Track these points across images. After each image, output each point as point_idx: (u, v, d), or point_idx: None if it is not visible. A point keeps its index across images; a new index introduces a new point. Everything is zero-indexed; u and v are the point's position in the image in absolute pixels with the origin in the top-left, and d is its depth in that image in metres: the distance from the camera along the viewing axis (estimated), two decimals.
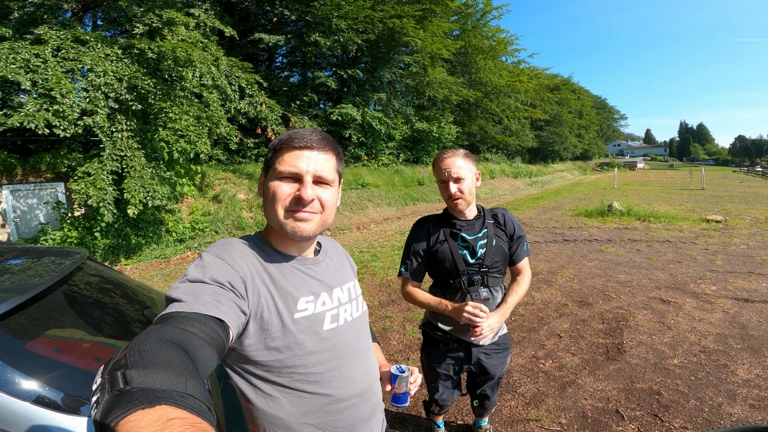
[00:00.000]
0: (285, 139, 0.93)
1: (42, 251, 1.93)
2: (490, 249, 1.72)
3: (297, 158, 0.90)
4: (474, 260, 1.71)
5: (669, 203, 13.95)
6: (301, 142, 0.91)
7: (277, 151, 0.93)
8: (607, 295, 4.83)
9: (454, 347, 1.85)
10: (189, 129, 7.71)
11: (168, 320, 0.68)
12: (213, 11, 10.90)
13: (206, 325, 0.70)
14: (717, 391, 2.75)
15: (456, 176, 1.65)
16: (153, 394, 0.49)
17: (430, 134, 19.21)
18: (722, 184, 24.35)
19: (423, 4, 16.84)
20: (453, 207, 1.71)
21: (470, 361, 1.86)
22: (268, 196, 0.92)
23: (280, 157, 0.92)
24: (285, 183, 0.90)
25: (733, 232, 8.24)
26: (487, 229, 1.75)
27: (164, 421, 0.45)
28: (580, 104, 48.06)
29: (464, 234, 1.73)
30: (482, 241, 1.72)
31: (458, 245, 1.72)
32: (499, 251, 1.75)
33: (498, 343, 1.88)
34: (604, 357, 3.31)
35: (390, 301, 4.90)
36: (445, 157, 1.68)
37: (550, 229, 9.55)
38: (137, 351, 0.56)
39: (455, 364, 1.88)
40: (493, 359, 1.88)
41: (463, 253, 1.71)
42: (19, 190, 8.03)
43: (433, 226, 1.78)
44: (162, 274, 6.90)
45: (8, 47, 6.39)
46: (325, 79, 15.16)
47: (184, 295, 0.75)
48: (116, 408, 0.47)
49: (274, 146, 0.94)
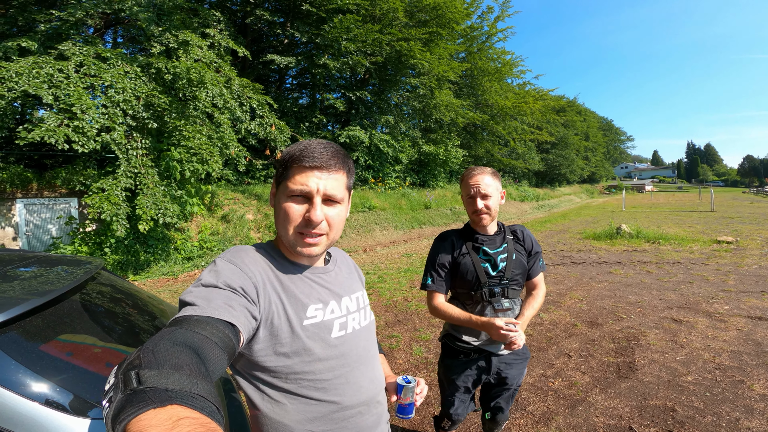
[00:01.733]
0: (297, 155, 0.93)
1: (58, 260, 1.98)
2: (510, 262, 1.77)
3: (307, 178, 0.91)
4: (495, 273, 1.76)
5: (678, 225, 13.81)
6: (312, 161, 0.91)
7: (288, 168, 0.93)
8: (617, 315, 4.76)
9: (475, 357, 1.86)
10: (202, 147, 7.88)
11: (181, 323, 0.70)
12: (227, 32, 11.29)
13: (218, 328, 0.72)
14: (734, 407, 2.69)
15: (483, 192, 1.71)
16: (165, 393, 0.50)
17: (437, 157, 19.34)
18: (732, 206, 24.09)
19: (430, 27, 17.24)
20: (478, 221, 1.76)
21: (490, 371, 1.86)
22: (280, 214, 0.94)
23: (291, 176, 0.93)
24: (296, 203, 0.92)
25: (744, 253, 8.12)
26: (507, 243, 1.80)
27: (175, 420, 0.46)
28: (586, 126, 48.18)
29: (486, 248, 1.78)
30: (503, 255, 1.77)
31: (480, 258, 1.77)
32: (519, 265, 1.80)
33: (518, 353, 1.88)
34: (615, 375, 3.24)
35: (396, 321, 4.87)
36: (475, 173, 1.75)
37: (558, 251, 9.48)
38: (151, 352, 0.58)
39: (474, 375, 1.88)
40: (512, 369, 1.87)
41: (485, 266, 1.77)
42: (33, 204, 8.20)
43: (456, 240, 1.84)
44: (169, 290, 6.94)
45: (32, 62, 6.62)
46: (334, 101, 15.47)
47: (197, 299, 0.77)
48: (129, 406, 0.48)
49: (285, 161, 0.95)
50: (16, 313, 1.22)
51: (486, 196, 1.72)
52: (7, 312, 1.20)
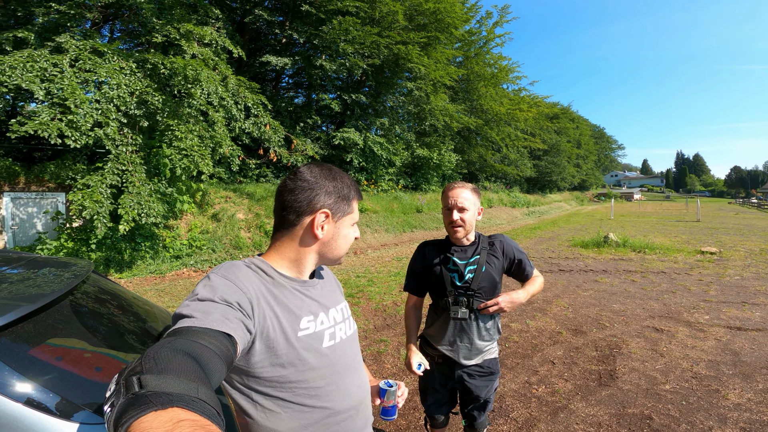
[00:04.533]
0: (356, 190, 1.12)
1: (48, 262, 1.99)
2: (478, 275, 1.82)
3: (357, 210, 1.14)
4: (461, 283, 1.83)
5: (664, 235, 14.06)
6: (360, 196, 1.14)
7: (350, 201, 1.09)
8: (601, 323, 4.86)
9: (440, 362, 1.94)
10: (193, 149, 7.84)
11: (180, 333, 0.73)
12: (225, 30, 11.24)
13: (216, 339, 0.74)
14: (708, 415, 2.77)
15: (461, 206, 1.79)
16: (166, 397, 0.53)
17: (431, 161, 19.43)
18: (717, 216, 24.56)
19: (428, 31, 17.31)
20: (452, 233, 1.84)
21: (453, 378, 1.93)
22: (343, 238, 1.09)
23: (352, 207, 1.10)
24: (353, 229, 1.11)
25: (727, 264, 8.31)
26: (479, 256, 1.85)
27: (175, 422, 0.49)
28: (579, 133, 48.69)
29: (455, 258, 1.85)
30: (472, 266, 1.84)
31: (448, 268, 1.85)
32: (487, 278, 1.84)
33: (482, 365, 1.90)
34: (596, 383, 3.32)
35: (385, 326, 4.90)
36: (455, 187, 1.83)
37: (546, 259, 9.61)
38: (152, 359, 0.61)
39: (441, 379, 1.97)
40: (475, 381, 1.90)
41: (452, 275, 1.84)
42: (20, 198, 8.08)
43: (430, 250, 1.93)
44: (156, 289, 6.89)
45: (27, 55, 6.54)
46: (330, 101, 15.47)
47: (194, 312, 0.79)
48: (131, 409, 0.51)
49: (345, 195, 1.08)
50: (7, 320, 1.24)
51: (463, 209, 1.79)
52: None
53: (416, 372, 1.76)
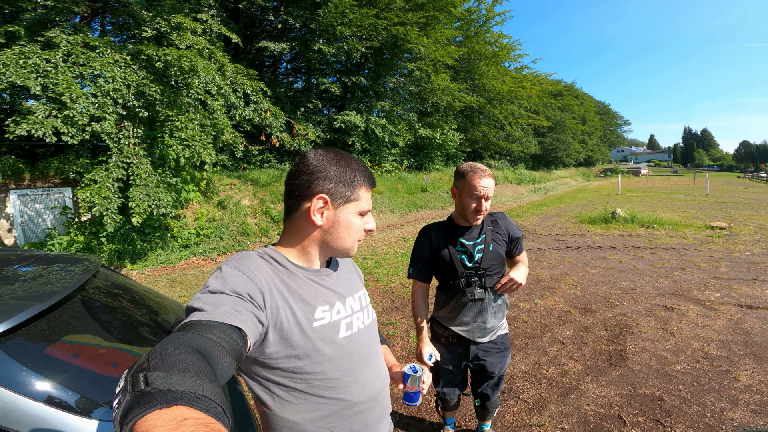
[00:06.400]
0: (365, 176, 1.04)
1: (57, 258, 1.99)
2: (487, 254, 1.84)
3: (370, 196, 1.07)
4: (471, 264, 1.84)
5: (673, 210, 13.92)
6: (372, 183, 1.07)
7: (355, 187, 1.01)
8: (611, 302, 4.85)
9: (454, 342, 1.96)
10: (195, 139, 7.79)
11: (189, 327, 0.72)
12: (219, 17, 11.03)
13: (226, 332, 0.73)
14: (719, 397, 2.77)
15: (488, 195, 1.78)
16: (171, 395, 0.52)
17: (434, 141, 19.26)
18: (726, 191, 24.26)
19: (427, 11, 16.94)
20: (473, 219, 1.82)
21: (468, 357, 1.96)
22: (345, 228, 1.02)
23: (358, 194, 1.02)
24: (359, 219, 1.04)
25: (737, 239, 8.23)
26: (485, 234, 1.87)
27: (179, 420, 0.49)
28: (584, 110, 47.98)
29: (463, 240, 1.86)
30: (480, 246, 1.85)
31: (457, 250, 1.86)
32: (496, 255, 1.86)
33: (496, 342, 1.96)
34: (606, 363, 3.33)
35: (394, 308, 4.93)
36: (484, 176, 1.79)
37: (553, 236, 9.56)
38: (159, 355, 0.60)
39: (455, 359, 1.99)
40: (491, 357, 1.95)
41: (462, 257, 1.85)
42: (26, 195, 8.14)
43: (435, 234, 1.93)
44: (167, 279, 6.97)
45: (18, 52, 6.46)
46: (329, 85, 15.27)
47: (204, 304, 0.78)
48: (136, 407, 0.51)
49: (348, 180, 1.01)
50: (21, 320, 1.24)
51: (488, 198, 1.79)
52: (12, 319, 1.22)
53: (427, 363, 1.76)
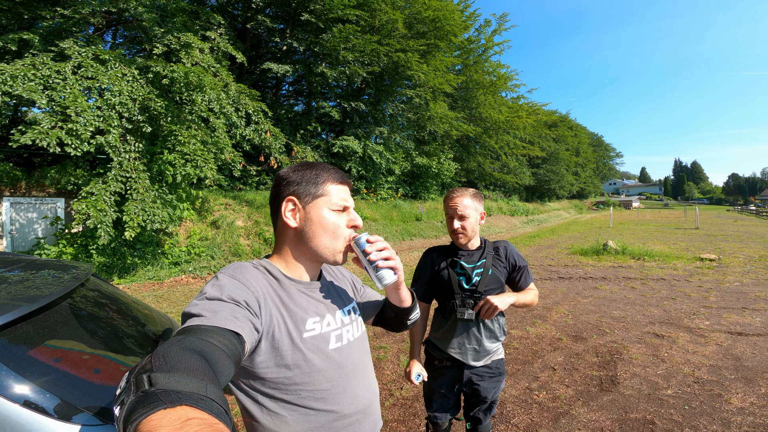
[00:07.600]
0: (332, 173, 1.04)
1: (48, 264, 1.99)
2: (485, 278, 1.86)
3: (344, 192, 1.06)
4: (469, 286, 1.86)
5: (663, 242, 14.07)
6: (342, 179, 1.06)
7: (319, 183, 1.02)
8: (602, 330, 4.84)
9: (448, 365, 1.95)
10: (196, 153, 7.85)
11: (189, 332, 0.73)
12: (227, 36, 11.33)
13: (225, 337, 0.74)
14: (711, 420, 2.76)
15: (461, 214, 1.82)
16: (175, 395, 0.53)
17: (430, 170, 19.45)
18: (716, 223, 24.60)
19: (428, 39, 17.45)
20: (455, 240, 1.89)
21: (462, 380, 1.93)
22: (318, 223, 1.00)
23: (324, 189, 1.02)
24: (331, 214, 1.02)
25: (726, 270, 8.31)
26: (486, 259, 1.90)
27: (183, 420, 0.49)
28: (577, 141, 48.77)
29: (462, 262, 1.89)
30: (479, 270, 1.88)
31: (456, 272, 1.89)
32: (494, 280, 1.88)
33: (490, 366, 1.94)
34: (598, 388, 3.30)
35: (384, 333, 4.87)
36: (455, 195, 1.85)
37: (545, 266, 9.60)
38: (162, 357, 0.61)
39: (448, 382, 1.97)
40: (485, 381, 1.93)
41: (460, 279, 1.88)
42: (19, 203, 8.07)
43: (437, 256, 1.98)
44: (154, 295, 6.86)
45: (29, 63, 6.55)
46: (329, 109, 15.53)
47: (203, 310, 0.79)
48: (140, 407, 0.51)
49: (312, 178, 1.02)
50: (6, 320, 1.23)
51: (463, 217, 1.82)
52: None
53: (414, 382, 1.81)
